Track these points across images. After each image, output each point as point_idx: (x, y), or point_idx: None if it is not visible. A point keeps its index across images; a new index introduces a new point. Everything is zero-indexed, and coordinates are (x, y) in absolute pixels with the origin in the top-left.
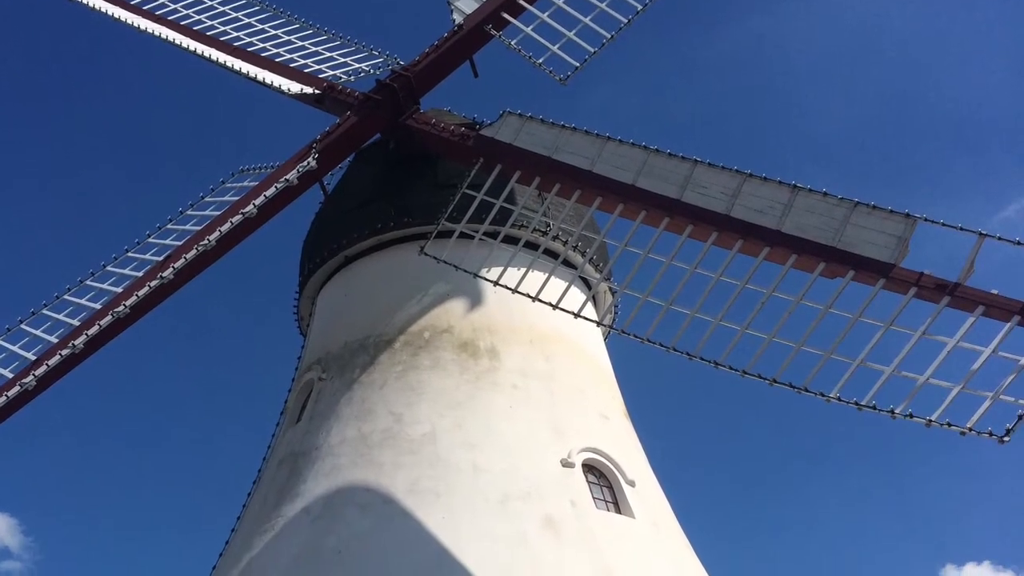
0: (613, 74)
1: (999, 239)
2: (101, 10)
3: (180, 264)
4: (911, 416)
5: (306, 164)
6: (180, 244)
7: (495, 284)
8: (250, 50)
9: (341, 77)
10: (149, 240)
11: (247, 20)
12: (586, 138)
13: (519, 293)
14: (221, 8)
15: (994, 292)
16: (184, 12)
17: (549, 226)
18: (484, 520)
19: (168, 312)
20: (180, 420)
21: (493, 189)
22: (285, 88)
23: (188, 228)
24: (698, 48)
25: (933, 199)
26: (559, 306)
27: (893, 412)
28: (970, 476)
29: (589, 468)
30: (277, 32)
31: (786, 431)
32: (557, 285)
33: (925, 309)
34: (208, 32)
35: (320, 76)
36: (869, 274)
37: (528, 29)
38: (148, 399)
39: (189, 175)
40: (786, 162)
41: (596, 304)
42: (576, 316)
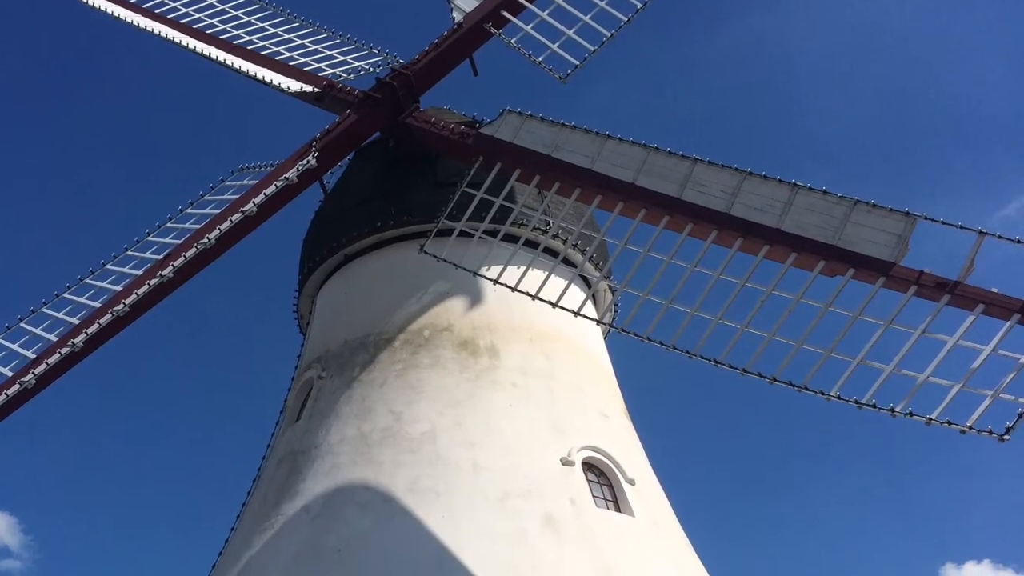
0: (613, 72)
1: (999, 237)
2: (101, 8)
3: (180, 262)
4: (911, 414)
5: (306, 162)
6: (180, 242)
7: (495, 282)
8: (250, 48)
9: (341, 75)
10: (149, 238)
11: (247, 18)
12: (586, 136)
13: (519, 291)
14: (221, 6)
15: (994, 290)
16: (184, 10)
17: (549, 224)
18: (484, 518)
19: (168, 311)
20: (180, 418)
21: (493, 187)
22: (285, 86)
23: (188, 226)
24: (698, 46)
25: (933, 197)
26: (559, 304)
27: (893, 410)
28: (970, 474)
29: (589, 466)
30: (277, 30)
31: (786, 429)
32: (557, 283)
33: (925, 307)
34: (207, 30)
35: (320, 74)
36: (869, 272)
37: (528, 27)
38: (148, 398)
39: (189, 173)
40: (786, 160)
41: (596, 302)
42: (576, 314)
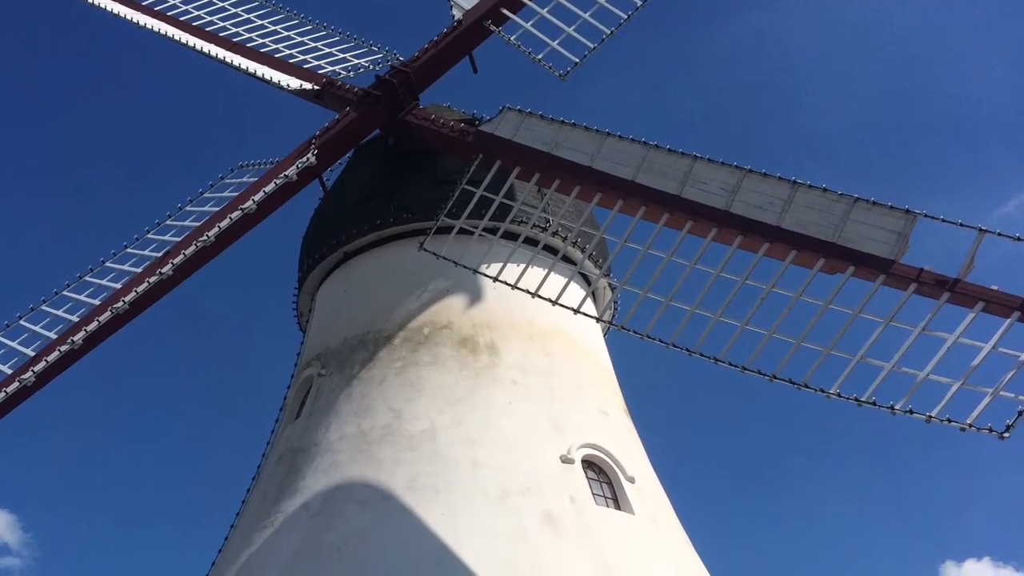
0: (613, 70)
1: (999, 235)
2: (100, 6)
3: (179, 260)
4: (911, 412)
5: (305, 160)
6: (179, 240)
7: (495, 280)
8: (249, 46)
9: (340, 73)
10: (148, 236)
11: (246, 16)
12: (586, 134)
13: (519, 289)
14: (220, 4)
15: (994, 288)
16: (183, 8)
17: (549, 222)
18: (483, 516)
19: (167, 308)
20: (179, 416)
21: (492, 185)
22: (284, 84)
23: (187, 224)
24: (698, 44)
25: (933, 195)
26: (559, 302)
27: (893, 408)
28: (970, 472)
29: (589, 464)
30: (276, 28)
31: (786, 427)
32: (557, 281)
33: (925, 305)
34: (207, 28)
35: (319, 72)
36: (869, 270)
37: (527, 25)
38: (147, 395)
39: (188, 171)
40: (786, 158)
41: (596, 300)
42: (576, 312)
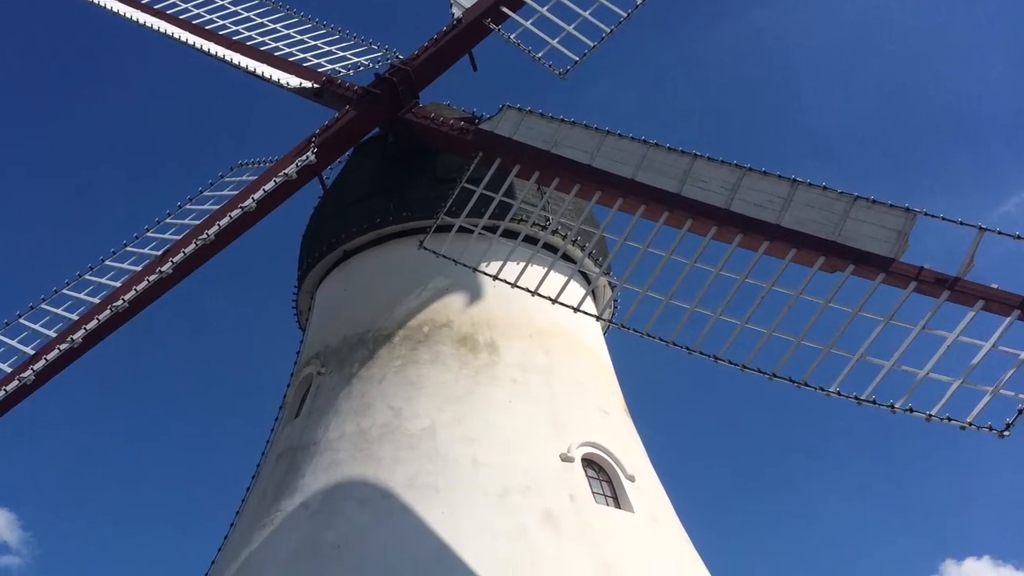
0: (612, 68)
1: (999, 233)
2: (99, 4)
3: (179, 259)
4: (911, 410)
5: (305, 158)
6: (179, 239)
7: (494, 278)
8: (249, 44)
9: (340, 71)
10: (148, 235)
11: (245, 14)
12: (585, 132)
13: (518, 287)
14: (220, 2)
15: (994, 286)
16: (182, 6)
17: (548, 220)
18: (483, 514)
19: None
20: (179, 415)
21: (492, 183)
22: (284, 82)
23: (187, 223)
24: (697, 42)
25: (933, 193)
26: (558, 300)
27: (893, 407)
28: (970, 471)
29: (588, 462)
30: (276, 26)
31: (786, 425)
32: (556, 279)
33: (925, 303)
34: (206, 26)
35: (319, 70)
36: (869, 268)
37: (527, 23)
38: (147, 394)
39: (188, 170)
40: (786, 156)
41: (595, 298)
42: (576, 310)
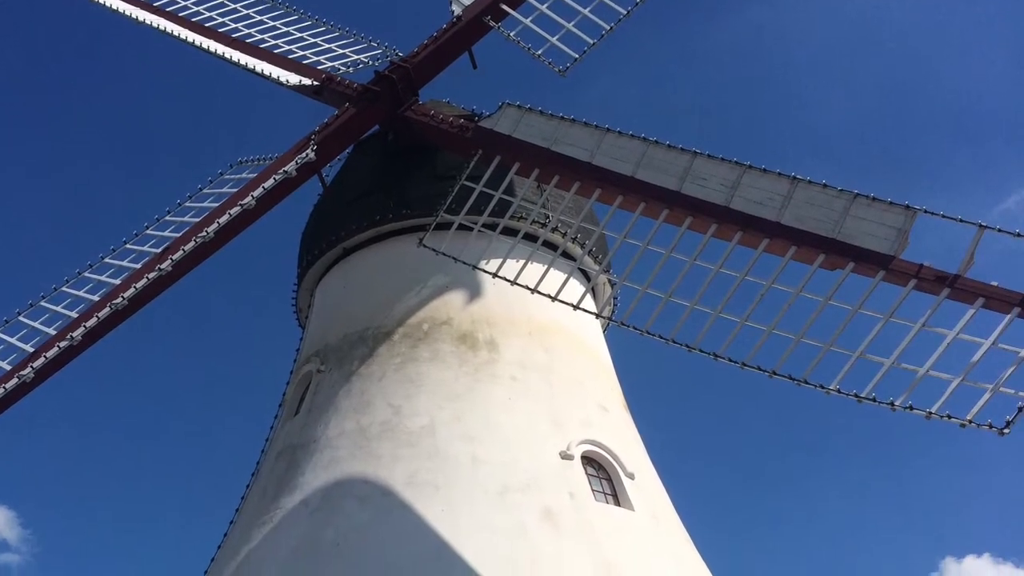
0: (612, 66)
1: (999, 231)
2: (99, 2)
3: (178, 256)
4: (911, 408)
5: (305, 156)
6: (178, 236)
7: (494, 276)
8: (248, 41)
9: (340, 68)
10: (147, 232)
11: (245, 11)
12: (585, 130)
13: (518, 285)
14: (219, 0)
15: (994, 284)
16: (182, 3)
17: (548, 218)
18: (483, 512)
19: (166, 304)
20: (178, 412)
21: (492, 181)
22: (283, 79)
23: (186, 220)
24: (697, 39)
25: (933, 191)
26: (558, 298)
27: (893, 404)
28: (970, 468)
29: (588, 460)
30: (275, 23)
31: (785, 423)
32: (556, 277)
33: (925, 301)
34: (206, 23)
35: (318, 67)
36: (869, 266)
37: (527, 20)
38: (146, 391)
39: (187, 167)
40: (786, 154)
41: (595, 296)
42: (575, 308)
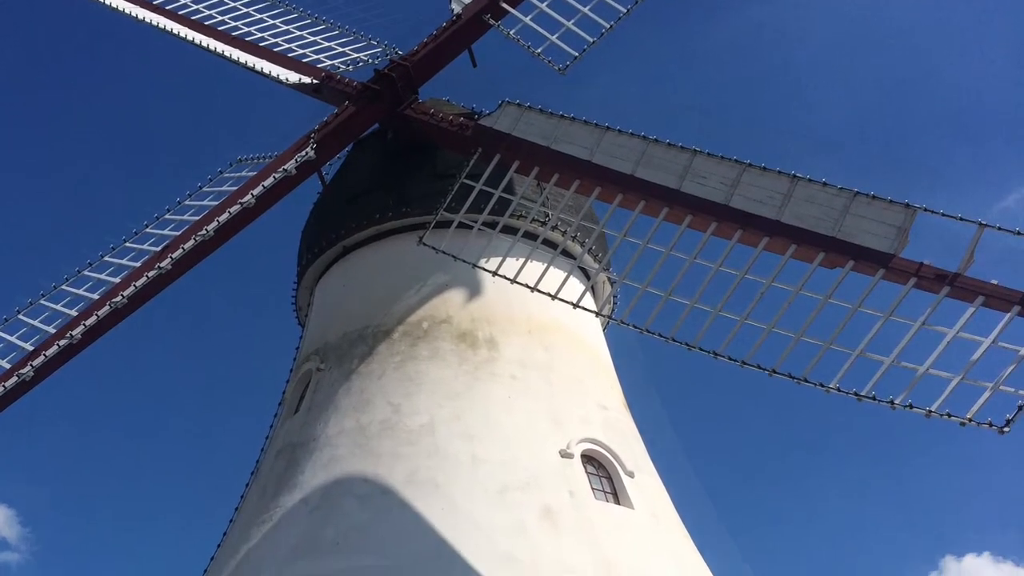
0: (612, 64)
1: (999, 229)
2: (99, 0)
3: (178, 254)
4: (911, 406)
5: (304, 154)
6: (178, 234)
7: (494, 274)
8: (248, 39)
9: (339, 67)
10: (147, 230)
11: (245, 9)
12: (585, 128)
13: (518, 283)
14: None
15: (994, 282)
16: (182, 2)
17: (548, 216)
18: (483, 510)
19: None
20: (178, 411)
21: (492, 179)
22: (283, 78)
23: (186, 218)
24: (697, 38)
25: (933, 189)
26: (558, 296)
27: (893, 403)
28: (970, 467)
29: (588, 459)
30: (275, 21)
31: (785, 422)
32: (556, 275)
33: (925, 299)
34: (206, 22)
35: (318, 65)
36: (869, 264)
37: (527, 19)
38: (146, 390)
39: (187, 166)
40: (785, 152)
41: (595, 294)
42: (575, 306)
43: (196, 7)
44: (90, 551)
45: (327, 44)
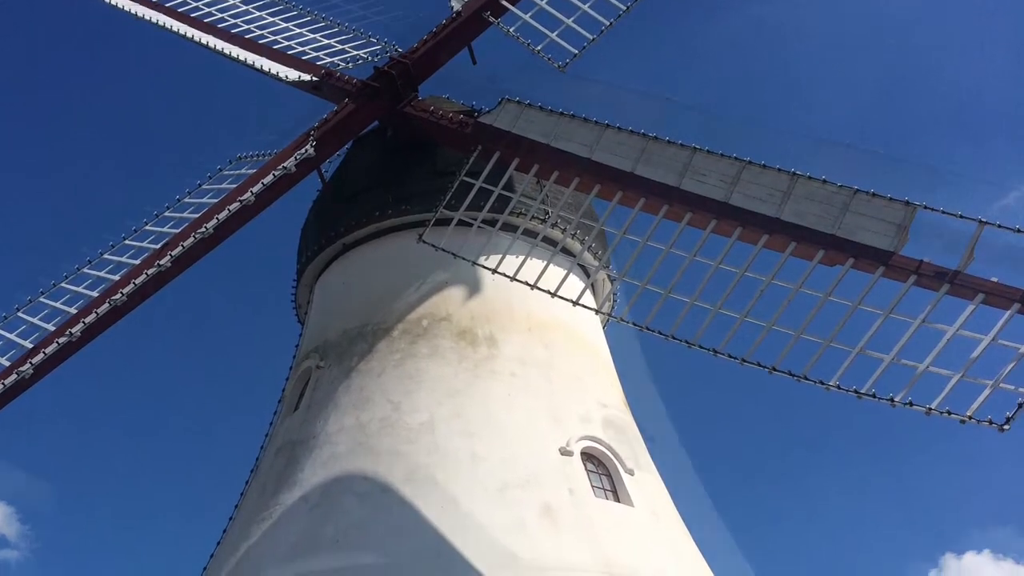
0: (612, 61)
1: (999, 227)
2: None
3: (177, 252)
4: (911, 404)
5: (304, 152)
6: (178, 232)
7: (493, 272)
8: (247, 37)
9: (339, 64)
10: (146, 228)
11: (244, 7)
12: (585, 125)
13: (518, 281)
14: None
15: (994, 280)
16: (181, 0)
17: (548, 213)
18: (482, 508)
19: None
20: (178, 409)
21: (491, 176)
22: (283, 75)
23: (186, 216)
24: (698, 35)
25: (933, 187)
26: (558, 294)
27: (893, 400)
28: (970, 464)
29: (588, 456)
30: (274, 19)
31: (785, 419)
32: (556, 273)
33: (925, 297)
34: (205, 19)
35: (318, 63)
36: (869, 262)
37: (526, 16)
38: (146, 387)
39: (187, 163)
40: (785, 149)
41: (595, 292)
42: (575, 304)
43: (196, 4)
44: (90, 548)
45: (327, 41)
